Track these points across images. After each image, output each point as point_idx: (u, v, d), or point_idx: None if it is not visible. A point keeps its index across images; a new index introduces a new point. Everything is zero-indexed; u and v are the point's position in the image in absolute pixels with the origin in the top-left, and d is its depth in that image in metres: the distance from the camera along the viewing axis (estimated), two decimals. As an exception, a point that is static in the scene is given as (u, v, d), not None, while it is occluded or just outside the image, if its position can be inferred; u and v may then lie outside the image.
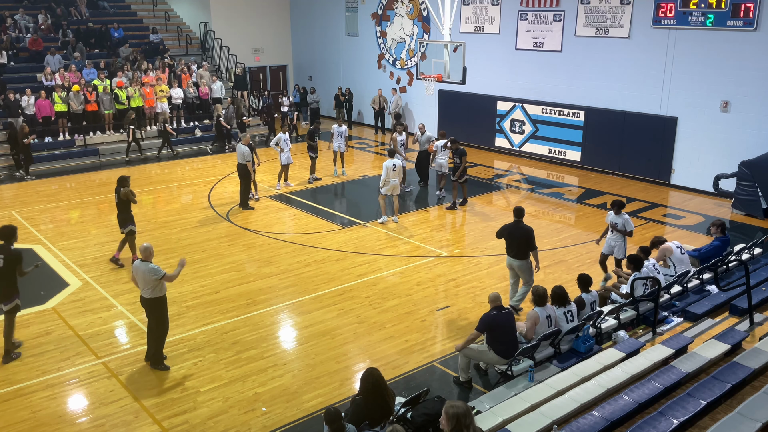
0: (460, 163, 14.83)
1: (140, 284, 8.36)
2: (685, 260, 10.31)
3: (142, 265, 8.24)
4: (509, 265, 9.97)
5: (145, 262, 8.24)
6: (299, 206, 15.31)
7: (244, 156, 14.80)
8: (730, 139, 15.71)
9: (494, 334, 7.71)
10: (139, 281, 8.36)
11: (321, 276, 11.46)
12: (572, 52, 18.58)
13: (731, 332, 8.19)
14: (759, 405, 6.09)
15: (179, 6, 27.77)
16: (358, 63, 25.80)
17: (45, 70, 20.59)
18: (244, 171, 14.90)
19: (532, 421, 6.30)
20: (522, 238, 9.70)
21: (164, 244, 12.95)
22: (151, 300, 8.35)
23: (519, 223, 9.82)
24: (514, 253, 9.78)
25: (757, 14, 14.76)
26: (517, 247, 9.73)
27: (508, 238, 9.83)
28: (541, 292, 8.09)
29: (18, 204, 15.75)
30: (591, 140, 18.49)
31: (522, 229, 9.76)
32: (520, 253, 9.74)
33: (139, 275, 8.28)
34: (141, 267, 8.24)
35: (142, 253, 8.29)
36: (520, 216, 9.86)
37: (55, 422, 7.46)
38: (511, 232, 9.80)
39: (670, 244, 10.36)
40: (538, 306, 8.05)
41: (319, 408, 7.58)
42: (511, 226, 9.88)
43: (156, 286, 8.27)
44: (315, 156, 17.35)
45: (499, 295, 7.88)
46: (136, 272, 8.32)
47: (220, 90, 23.14)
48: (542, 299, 8.06)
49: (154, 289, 8.28)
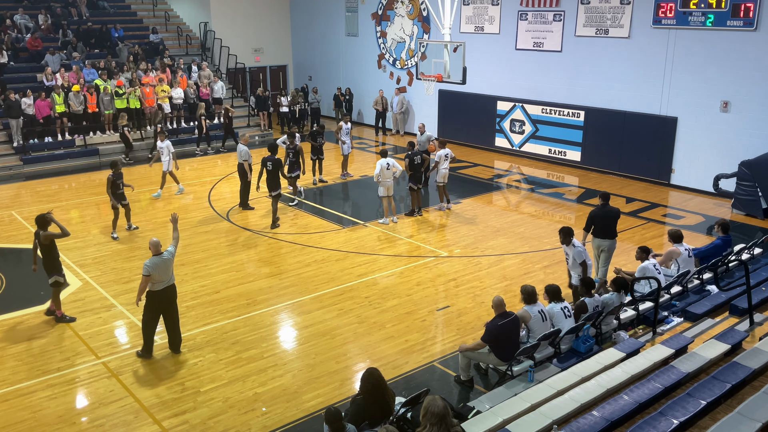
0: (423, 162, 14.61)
1: (168, 275, 8.60)
2: (691, 262, 10.30)
3: (164, 254, 8.55)
4: (598, 247, 10.56)
5: (158, 255, 8.51)
6: (299, 206, 15.30)
7: (242, 155, 14.83)
8: (730, 139, 15.71)
9: (498, 342, 7.69)
10: (166, 272, 8.57)
11: (321, 276, 11.46)
12: (572, 52, 18.58)
13: (731, 332, 8.19)
14: (759, 405, 6.09)
15: (179, 6, 27.77)
16: (358, 63, 25.80)
17: (45, 70, 20.60)
18: (244, 171, 14.89)
19: (532, 421, 6.29)
20: (614, 219, 10.52)
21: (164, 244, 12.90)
22: (174, 285, 8.75)
23: (606, 206, 10.50)
24: (606, 234, 10.46)
25: (757, 14, 14.76)
26: (609, 228, 10.46)
27: (601, 221, 10.45)
28: (530, 290, 8.11)
29: (18, 204, 15.76)
30: (591, 140, 18.50)
31: (612, 210, 10.59)
32: (611, 233, 10.48)
33: (168, 264, 8.57)
34: (165, 256, 8.54)
35: (153, 248, 8.57)
36: (607, 200, 10.55)
37: (55, 422, 7.46)
38: (606, 214, 10.47)
39: (679, 247, 10.28)
40: (527, 304, 8.05)
41: (319, 408, 7.58)
42: (601, 210, 10.49)
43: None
44: (321, 158, 17.23)
45: (503, 300, 7.77)
46: (164, 265, 8.50)
47: (221, 90, 23.14)
48: (531, 297, 8.08)
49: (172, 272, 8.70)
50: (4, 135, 19.57)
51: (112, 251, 12.40)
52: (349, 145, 17.59)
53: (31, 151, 19.38)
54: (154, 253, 8.53)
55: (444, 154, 14.84)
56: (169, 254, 8.63)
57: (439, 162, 14.85)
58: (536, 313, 7.98)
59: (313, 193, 16.72)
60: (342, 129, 17.43)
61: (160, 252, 8.55)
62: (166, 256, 8.57)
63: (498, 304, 7.72)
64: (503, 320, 7.62)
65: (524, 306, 8.06)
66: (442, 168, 14.87)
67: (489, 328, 7.66)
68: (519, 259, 12.16)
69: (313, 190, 16.87)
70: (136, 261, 12.06)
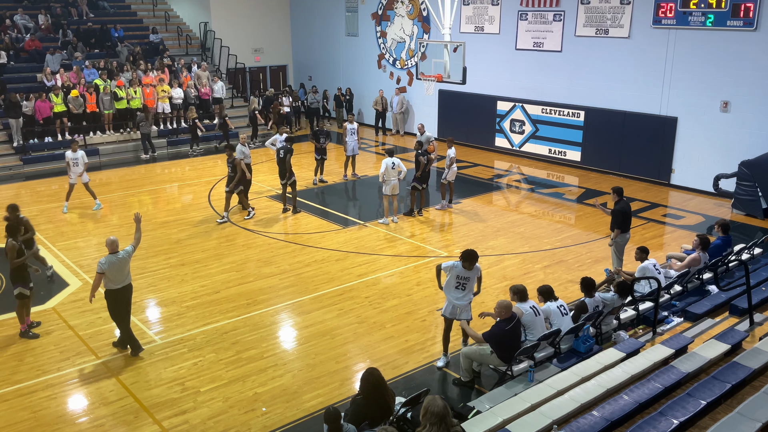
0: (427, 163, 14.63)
1: (123, 275, 8.60)
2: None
3: (120, 253, 8.52)
4: (623, 241, 10.78)
5: (114, 253, 8.48)
6: (299, 206, 15.29)
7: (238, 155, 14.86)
8: (730, 139, 15.71)
9: (503, 344, 7.68)
10: (121, 272, 8.56)
11: (321, 276, 11.46)
12: (572, 52, 18.58)
13: (731, 332, 8.19)
14: (759, 405, 6.09)
15: (179, 6, 27.78)
16: (358, 63, 25.80)
17: (45, 70, 20.60)
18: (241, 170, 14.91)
19: (532, 421, 6.29)
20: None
21: (164, 244, 12.96)
22: (131, 284, 8.77)
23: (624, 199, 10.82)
24: (629, 226, 10.82)
25: (757, 14, 14.76)
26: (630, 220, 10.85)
27: (628, 215, 10.73)
28: (520, 289, 8.15)
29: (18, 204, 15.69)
30: (591, 140, 18.49)
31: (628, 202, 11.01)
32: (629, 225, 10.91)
33: (123, 264, 8.55)
34: (121, 255, 8.52)
35: (110, 246, 8.51)
36: (623, 194, 10.87)
37: (55, 422, 7.46)
38: (629, 207, 10.86)
39: (700, 255, 10.23)
40: (519, 302, 8.07)
41: (319, 408, 7.58)
42: (626, 204, 10.78)
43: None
44: (323, 158, 17.19)
45: (510, 304, 7.73)
46: (119, 264, 8.49)
47: (221, 90, 23.15)
48: (523, 295, 8.12)
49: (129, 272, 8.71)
50: (4, 135, 19.57)
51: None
52: (353, 146, 17.53)
53: (31, 151, 19.38)
54: (110, 251, 8.50)
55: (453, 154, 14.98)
56: (125, 253, 8.60)
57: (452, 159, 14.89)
58: (528, 309, 8.02)
59: (314, 193, 16.72)
60: (347, 129, 17.44)
61: (116, 251, 8.52)
62: (122, 255, 8.54)
63: (506, 307, 7.65)
64: (509, 324, 7.61)
65: (516, 303, 8.08)
66: (453, 167, 14.95)
67: (495, 332, 7.64)
68: (519, 259, 12.16)
69: (313, 190, 16.87)
70: (135, 261, 12.01)
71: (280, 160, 14.73)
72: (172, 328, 9.60)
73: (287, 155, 14.62)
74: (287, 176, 14.73)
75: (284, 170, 14.68)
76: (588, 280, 8.80)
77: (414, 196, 14.79)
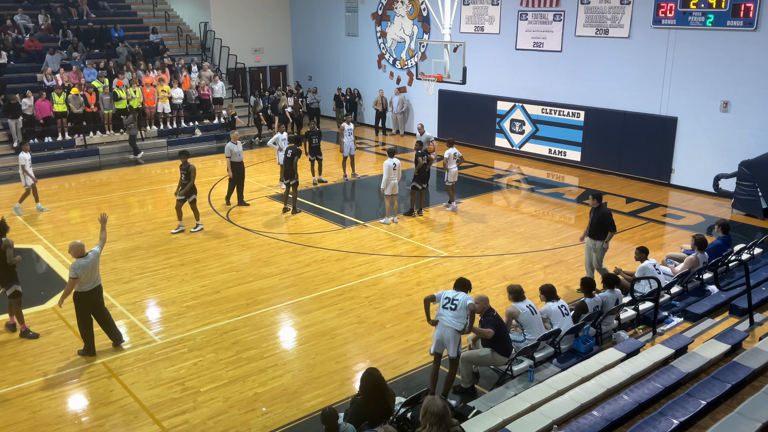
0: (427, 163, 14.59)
1: (93, 277, 8.62)
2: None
3: (89, 255, 8.55)
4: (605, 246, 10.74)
5: (83, 256, 8.48)
6: (299, 206, 15.28)
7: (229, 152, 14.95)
8: (730, 139, 15.71)
9: (501, 333, 7.68)
10: (92, 274, 8.58)
11: (321, 276, 11.46)
12: (572, 52, 18.58)
13: (731, 332, 8.19)
14: (759, 405, 6.09)
15: (179, 6, 27.78)
16: (358, 63, 25.80)
17: (45, 70, 20.59)
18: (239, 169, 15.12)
19: (532, 421, 6.30)
20: None
21: (164, 244, 12.96)
22: (100, 285, 8.81)
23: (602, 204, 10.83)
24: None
25: (757, 14, 14.76)
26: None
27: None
28: (516, 289, 8.15)
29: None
30: (591, 140, 18.49)
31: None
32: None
33: (94, 266, 8.59)
34: (91, 257, 8.56)
35: (77, 250, 8.50)
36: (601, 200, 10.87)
37: (55, 422, 7.46)
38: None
39: (698, 256, 10.20)
40: (516, 302, 8.08)
41: (319, 408, 7.55)
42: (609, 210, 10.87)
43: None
44: (319, 158, 17.21)
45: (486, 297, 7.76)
46: (90, 266, 8.50)
47: (222, 90, 23.14)
48: (519, 295, 8.12)
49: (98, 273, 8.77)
50: (4, 135, 19.56)
51: (112, 251, 12.40)
52: (349, 146, 17.53)
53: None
54: (78, 255, 8.49)
55: (453, 153, 14.81)
56: (94, 254, 8.64)
57: (448, 160, 14.73)
58: (525, 308, 8.03)
59: (313, 193, 16.72)
60: (345, 129, 17.44)
61: (84, 254, 8.52)
62: (91, 256, 8.58)
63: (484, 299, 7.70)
64: (494, 312, 7.70)
65: (512, 303, 8.08)
66: (452, 168, 14.80)
67: (489, 319, 7.65)
68: (519, 259, 12.16)
69: (312, 191, 16.87)
70: (135, 261, 12.07)
71: (287, 161, 14.76)
72: (172, 328, 9.60)
73: (294, 157, 14.66)
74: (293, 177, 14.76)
75: (291, 171, 14.68)
76: (588, 281, 8.81)
77: (414, 196, 14.79)
